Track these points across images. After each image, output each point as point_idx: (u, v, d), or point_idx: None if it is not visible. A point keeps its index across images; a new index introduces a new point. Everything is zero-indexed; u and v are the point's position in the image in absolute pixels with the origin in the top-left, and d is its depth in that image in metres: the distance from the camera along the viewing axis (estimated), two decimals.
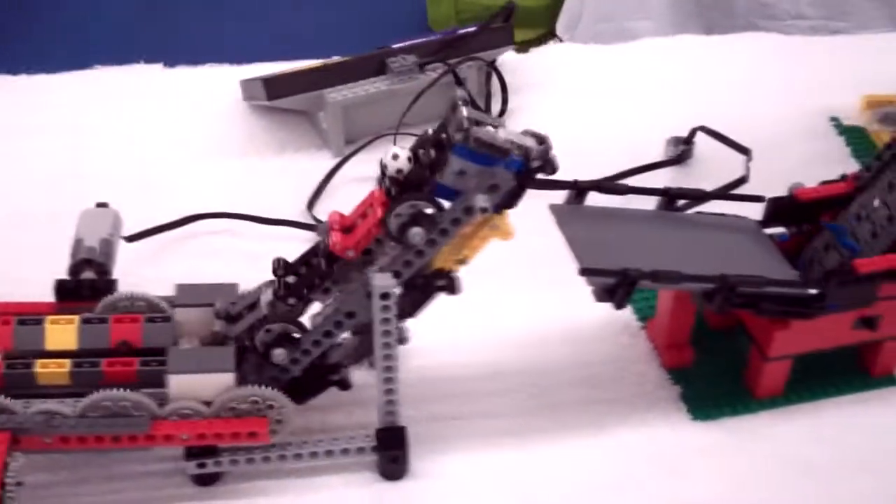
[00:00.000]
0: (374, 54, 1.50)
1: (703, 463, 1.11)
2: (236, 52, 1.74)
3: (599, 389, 1.18)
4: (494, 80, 1.60)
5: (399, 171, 1.00)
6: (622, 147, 1.51)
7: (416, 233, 0.98)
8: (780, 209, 1.19)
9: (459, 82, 1.49)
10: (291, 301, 1.05)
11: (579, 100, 1.62)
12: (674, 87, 1.66)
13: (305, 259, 1.08)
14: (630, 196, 1.22)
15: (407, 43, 1.53)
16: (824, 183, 1.22)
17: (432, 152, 1.00)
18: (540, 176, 1.03)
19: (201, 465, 1.07)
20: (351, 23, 3.59)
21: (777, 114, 1.60)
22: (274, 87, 1.46)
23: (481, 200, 0.97)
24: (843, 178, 1.21)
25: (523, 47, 1.74)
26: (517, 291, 1.28)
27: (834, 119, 1.58)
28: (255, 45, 3.08)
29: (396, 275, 1.00)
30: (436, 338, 1.23)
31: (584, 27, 2.88)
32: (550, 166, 1.00)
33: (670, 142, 1.50)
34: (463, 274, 1.26)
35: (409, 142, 1.45)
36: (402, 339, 1.13)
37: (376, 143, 1.50)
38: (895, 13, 2.82)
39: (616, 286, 1.03)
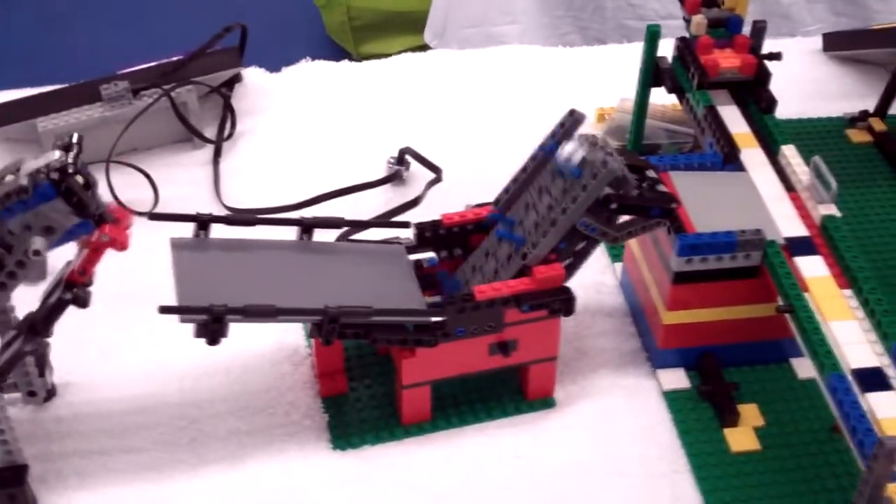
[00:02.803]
0: (89, 81, 1.50)
1: (330, 494, 1.10)
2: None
3: (246, 420, 1.18)
4: (242, 102, 1.61)
5: None
6: (347, 168, 1.51)
7: None
8: (425, 234, 1.18)
9: (175, 107, 1.49)
10: None
11: (321, 119, 1.61)
12: (419, 103, 1.65)
13: None
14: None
15: (130, 69, 1.53)
16: (479, 206, 1.22)
17: None
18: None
19: None
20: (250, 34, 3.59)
21: (517, 128, 1.59)
22: None
23: (36, 243, 0.96)
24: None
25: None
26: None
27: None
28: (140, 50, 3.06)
29: None
30: (96, 371, 1.23)
31: (451, 33, 2.87)
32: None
33: (389, 161, 1.50)
34: (126, 305, 1.27)
35: (123, 169, 1.48)
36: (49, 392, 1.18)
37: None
38: (767, 10, 2.81)
39: (208, 322, 1.03)
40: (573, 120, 1.14)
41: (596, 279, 1.35)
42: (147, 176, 1.45)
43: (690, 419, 1.17)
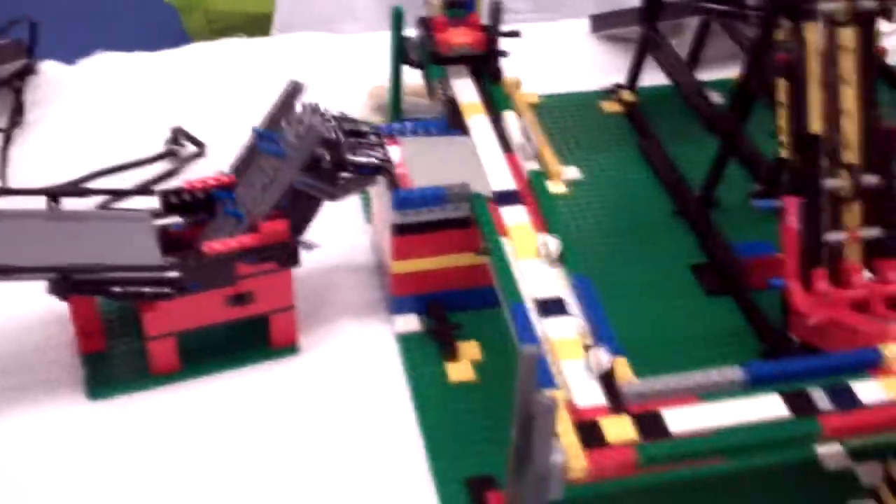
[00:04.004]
0: None
1: (83, 441, 1.20)
2: None
3: (10, 377, 1.26)
4: (35, 93, 1.71)
5: None
6: (133, 150, 1.60)
7: None
8: (170, 201, 1.29)
9: None
10: None
11: (111, 107, 1.71)
12: (206, 89, 1.76)
13: None
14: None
15: None
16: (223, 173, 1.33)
17: None
18: None
19: None
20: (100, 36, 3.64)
21: None
22: None
23: None
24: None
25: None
26: None
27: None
28: None
29: None
30: None
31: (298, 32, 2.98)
32: None
33: (166, 141, 1.60)
34: None
35: None
36: None
37: None
38: None
39: None
40: (293, 89, 1.25)
41: (351, 240, 1.46)
42: None
43: (417, 357, 1.30)
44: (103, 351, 1.30)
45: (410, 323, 1.34)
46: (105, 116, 1.69)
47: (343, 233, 1.46)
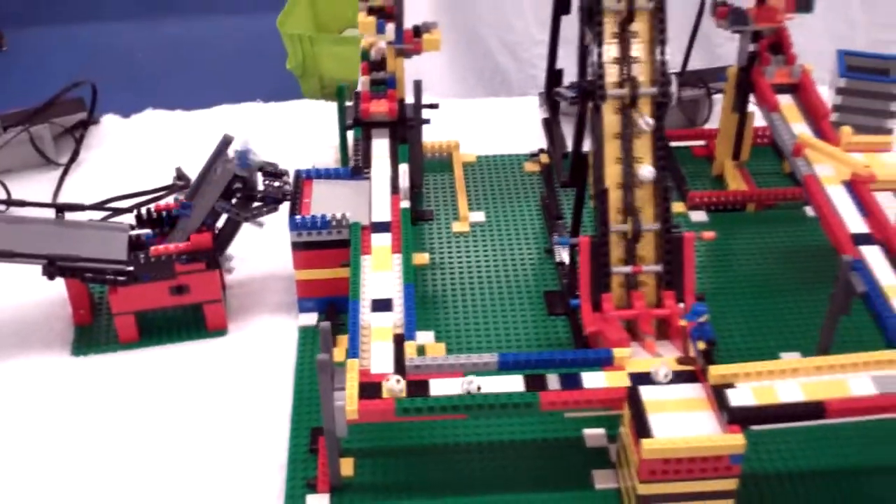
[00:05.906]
0: None
1: (64, 385, 1.68)
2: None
3: (17, 337, 1.76)
4: (93, 139, 2.25)
5: None
6: (154, 182, 2.11)
7: None
8: (142, 217, 1.76)
9: (32, 139, 2.12)
10: None
11: (145, 152, 2.24)
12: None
13: None
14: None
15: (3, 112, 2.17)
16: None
17: None
18: None
19: None
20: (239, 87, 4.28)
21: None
22: None
23: None
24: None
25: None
26: None
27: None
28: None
29: None
30: None
31: None
32: None
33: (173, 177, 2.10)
34: None
35: None
36: None
37: None
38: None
39: None
40: (223, 141, 1.71)
41: (286, 257, 1.89)
42: (2, 184, 2.08)
43: (308, 344, 1.73)
44: (90, 324, 1.79)
45: (310, 319, 1.77)
46: (141, 158, 2.22)
47: (280, 251, 1.89)
